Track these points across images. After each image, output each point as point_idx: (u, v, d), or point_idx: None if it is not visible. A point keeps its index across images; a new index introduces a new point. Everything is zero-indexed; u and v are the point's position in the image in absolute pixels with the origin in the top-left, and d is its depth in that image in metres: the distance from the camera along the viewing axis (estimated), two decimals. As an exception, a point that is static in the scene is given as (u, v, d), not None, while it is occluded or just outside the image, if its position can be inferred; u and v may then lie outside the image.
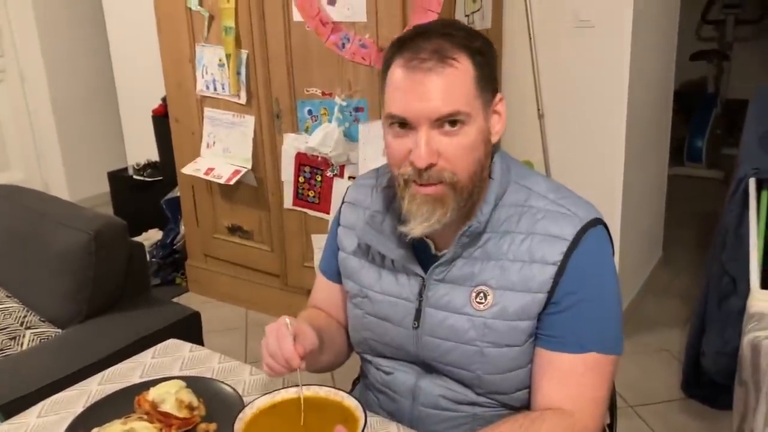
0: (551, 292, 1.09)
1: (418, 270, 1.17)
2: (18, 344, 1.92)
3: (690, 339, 2.39)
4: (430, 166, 1.06)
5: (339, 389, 1.10)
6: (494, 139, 1.13)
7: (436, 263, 1.15)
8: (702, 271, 2.65)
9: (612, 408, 1.38)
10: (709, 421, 2.41)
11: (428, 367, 1.21)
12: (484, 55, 1.09)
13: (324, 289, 1.37)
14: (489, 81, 1.10)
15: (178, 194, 3.49)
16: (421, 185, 1.07)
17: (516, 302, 1.10)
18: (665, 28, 3.16)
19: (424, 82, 1.04)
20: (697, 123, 5.01)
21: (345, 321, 1.34)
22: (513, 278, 1.10)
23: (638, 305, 3.17)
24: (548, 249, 1.09)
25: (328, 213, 2.88)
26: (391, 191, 1.21)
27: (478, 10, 2.67)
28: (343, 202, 1.33)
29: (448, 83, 1.04)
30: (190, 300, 3.41)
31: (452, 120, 1.05)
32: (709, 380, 2.30)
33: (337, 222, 1.32)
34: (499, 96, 1.13)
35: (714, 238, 2.25)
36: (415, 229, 1.09)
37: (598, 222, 1.14)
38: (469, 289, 1.13)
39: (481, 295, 1.12)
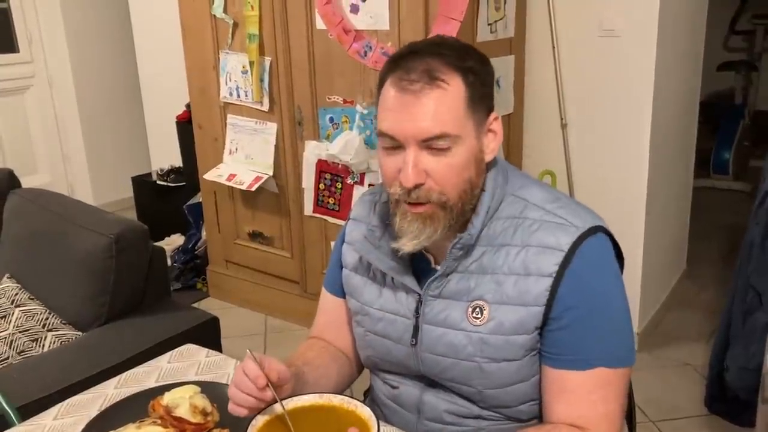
0: (549, 306, 1.07)
1: (414, 286, 1.15)
2: (39, 346, 1.94)
3: (714, 353, 2.35)
4: (418, 186, 1.05)
5: (353, 398, 1.09)
6: (488, 158, 1.12)
7: (432, 278, 1.14)
8: (727, 285, 2.60)
9: (630, 420, 1.35)
10: (733, 439, 2.36)
11: (432, 382, 1.19)
12: (477, 74, 1.07)
13: (328, 309, 1.36)
14: (482, 100, 1.08)
15: (201, 200, 3.51)
16: (410, 204, 1.07)
17: (512, 316, 1.08)
18: (692, 38, 3.13)
19: (414, 103, 1.03)
20: (724, 134, 4.95)
21: (349, 344, 1.33)
22: (509, 292, 1.08)
23: (661, 319, 3.12)
24: (543, 261, 1.07)
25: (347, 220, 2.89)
26: (388, 206, 1.20)
27: (502, 18, 2.66)
28: (348, 219, 1.33)
29: (437, 104, 1.03)
30: (210, 305, 3.43)
31: (441, 140, 1.04)
32: (733, 396, 2.25)
33: (342, 238, 1.32)
34: (493, 115, 1.11)
35: (739, 252, 2.21)
36: (406, 245, 1.09)
37: (597, 230, 1.10)
38: (465, 304, 1.11)
39: (477, 309, 1.10)
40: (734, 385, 2.14)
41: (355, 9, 2.60)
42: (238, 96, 3.07)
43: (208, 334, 2.08)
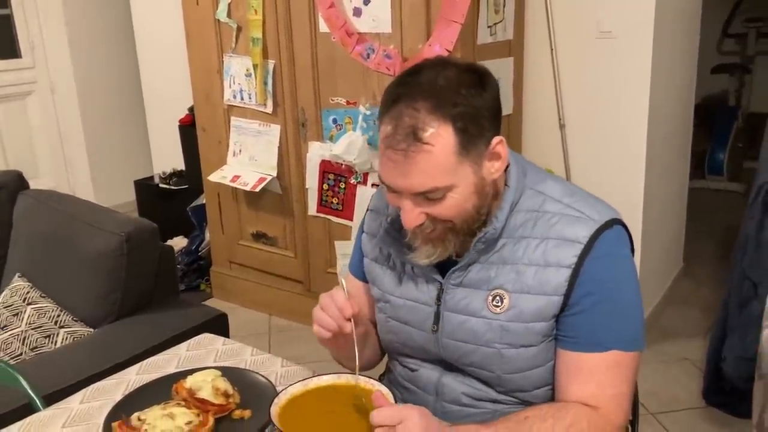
0: (567, 295, 1.12)
1: (436, 275, 1.21)
2: (52, 342, 1.98)
3: (711, 345, 2.39)
4: (419, 226, 1.10)
5: (370, 377, 1.14)
6: (495, 176, 1.13)
7: (453, 268, 1.18)
8: (723, 283, 2.65)
9: (634, 405, 1.40)
10: (730, 429, 2.41)
11: (450, 366, 1.24)
12: (468, 116, 1.05)
13: (353, 292, 1.39)
14: (479, 135, 1.07)
15: (204, 202, 3.55)
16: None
17: (532, 305, 1.13)
18: (686, 41, 3.18)
19: (402, 162, 1.05)
20: (719, 136, 5.01)
21: (374, 324, 1.38)
22: (529, 282, 1.13)
23: (659, 315, 3.17)
24: (562, 253, 1.12)
25: (351, 220, 2.93)
26: None
27: (501, 21, 2.71)
28: (368, 209, 1.38)
29: (423, 164, 1.04)
30: (214, 306, 3.42)
31: (433, 193, 1.07)
32: (731, 388, 2.30)
33: (362, 228, 1.37)
34: (497, 139, 1.10)
35: (735, 246, 2.26)
36: (421, 261, 1.15)
37: (614, 222, 1.15)
38: (485, 292, 1.16)
39: (498, 298, 1.15)
40: (731, 375, 2.19)
41: (357, 12, 2.65)
42: (242, 99, 3.12)
43: (217, 331, 2.09)
